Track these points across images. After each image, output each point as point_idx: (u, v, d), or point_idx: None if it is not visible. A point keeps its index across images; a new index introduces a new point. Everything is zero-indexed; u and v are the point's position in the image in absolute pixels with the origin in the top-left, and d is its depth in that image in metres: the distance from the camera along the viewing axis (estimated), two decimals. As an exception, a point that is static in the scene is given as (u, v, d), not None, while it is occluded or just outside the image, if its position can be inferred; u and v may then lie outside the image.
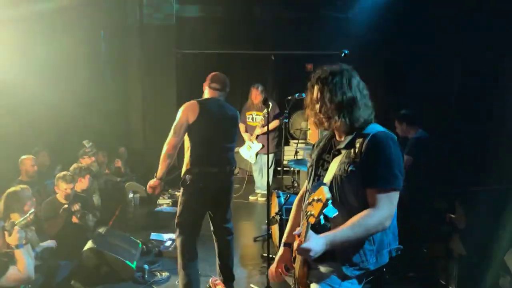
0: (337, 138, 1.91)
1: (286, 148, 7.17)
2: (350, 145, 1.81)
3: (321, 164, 1.93)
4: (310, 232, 1.67)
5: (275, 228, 4.45)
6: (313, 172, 1.95)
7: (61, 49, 5.50)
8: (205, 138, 3.26)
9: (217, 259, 3.52)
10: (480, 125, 3.75)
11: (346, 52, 3.69)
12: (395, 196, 1.73)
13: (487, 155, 3.68)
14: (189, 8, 7.81)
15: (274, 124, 6.38)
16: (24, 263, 2.82)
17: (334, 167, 1.83)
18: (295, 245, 1.68)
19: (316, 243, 1.66)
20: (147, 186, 3.38)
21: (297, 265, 1.92)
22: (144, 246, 4.40)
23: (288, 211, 4.16)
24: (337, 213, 1.60)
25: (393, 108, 4.38)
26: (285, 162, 6.47)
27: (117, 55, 7.39)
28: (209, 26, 7.55)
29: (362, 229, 1.69)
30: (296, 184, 6.28)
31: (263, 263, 4.18)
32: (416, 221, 3.66)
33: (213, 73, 3.54)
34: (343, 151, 1.83)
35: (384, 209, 1.70)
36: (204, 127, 3.24)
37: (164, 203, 6.24)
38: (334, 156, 1.87)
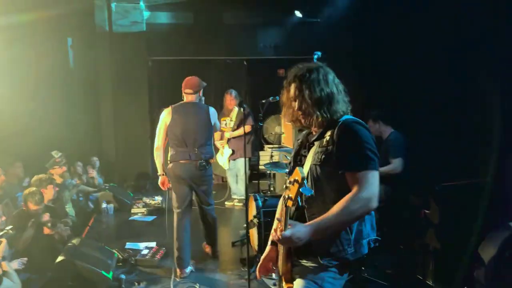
0: (313, 133, 1.95)
1: (261, 153, 7.20)
2: (322, 135, 1.85)
3: (299, 160, 1.97)
4: (293, 221, 1.68)
5: (253, 232, 4.43)
6: (292, 168, 1.99)
7: (28, 60, 5.38)
8: (177, 136, 3.97)
9: (202, 228, 4.39)
10: (450, 121, 3.85)
11: (318, 54, 3.73)
12: (373, 177, 1.72)
13: (457, 151, 3.79)
14: (159, 15, 7.76)
15: (246, 129, 6.33)
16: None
17: (309, 159, 1.87)
18: (276, 232, 1.68)
19: (299, 230, 1.66)
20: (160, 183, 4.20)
21: (280, 261, 1.91)
22: (120, 256, 4.30)
23: (267, 214, 4.24)
24: (313, 192, 1.65)
25: (367, 109, 4.46)
26: (261, 167, 6.46)
27: (86, 63, 7.27)
28: (180, 33, 7.54)
29: (346, 212, 1.68)
30: (272, 188, 6.30)
31: (242, 267, 4.15)
32: (393, 218, 3.72)
33: (186, 78, 4.15)
34: (316, 143, 1.87)
35: (364, 191, 1.69)
36: (175, 128, 3.97)
37: (138, 212, 6.14)
38: (309, 148, 1.91)
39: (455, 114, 3.82)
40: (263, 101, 4.79)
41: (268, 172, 5.14)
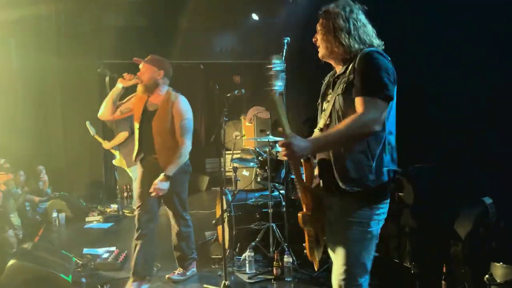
0: (338, 71, 1.98)
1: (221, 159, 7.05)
2: (346, 69, 1.90)
3: (325, 100, 2.00)
4: (291, 132, 1.73)
5: (221, 229, 4.28)
6: (320, 109, 2.03)
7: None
8: None
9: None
10: (418, 104, 3.91)
11: (288, 39, 3.67)
12: (381, 104, 1.76)
13: (426, 133, 3.86)
14: (110, 16, 7.46)
15: (122, 137, 5.79)
16: None
17: (334, 93, 1.91)
18: (279, 144, 1.78)
19: (298, 139, 1.70)
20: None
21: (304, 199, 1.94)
22: (78, 261, 3.95)
23: (237, 208, 4.10)
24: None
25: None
26: (227, 169, 6.32)
27: (32, 66, 6.79)
28: (133, 35, 7.25)
29: (345, 131, 1.71)
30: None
31: (213, 265, 3.96)
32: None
33: None
34: (341, 76, 1.91)
35: (368, 113, 1.72)
36: None
37: (94, 220, 5.76)
38: (334, 84, 1.95)
39: (424, 96, 3.90)
40: (228, 95, 4.67)
41: (234, 175, 4.98)
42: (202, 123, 8.58)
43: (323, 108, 1.99)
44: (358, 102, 1.77)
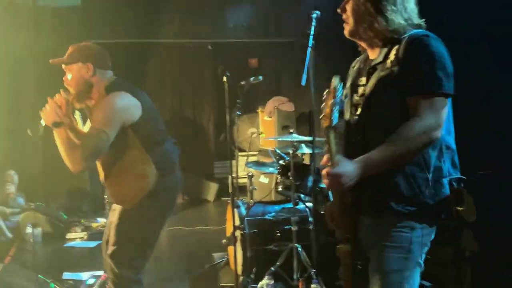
0: (371, 56, 1.98)
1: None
2: (386, 57, 1.87)
3: (355, 91, 1.99)
4: (340, 157, 1.76)
5: (232, 251, 4.32)
6: (349, 101, 2.02)
7: None
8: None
9: None
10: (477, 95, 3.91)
11: (317, 13, 3.68)
12: (440, 103, 1.76)
13: (491, 132, 3.84)
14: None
15: None
16: None
17: (370, 85, 1.90)
18: (323, 172, 1.79)
19: (346, 167, 1.74)
20: None
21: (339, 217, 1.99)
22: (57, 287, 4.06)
23: (253, 224, 4.14)
24: (344, 105, 1.81)
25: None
26: (240, 175, 6.37)
27: (2, 47, 6.96)
28: (123, 10, 7.36)
29: (401, 142, 1.73)
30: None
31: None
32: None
33: None
34: (379, 66, 1.89)
35: (427, 118, 1.72)
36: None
37: (76, 237, 5.90)
38: (370, 75, 1.93)
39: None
40: (243, 82, 4.75)
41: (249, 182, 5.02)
42: (210, 117, 8.65)
43: (353, 102, 1.99)
44: (412, 105, 1.76)
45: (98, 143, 2.67)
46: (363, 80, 1.96)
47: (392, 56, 1.83)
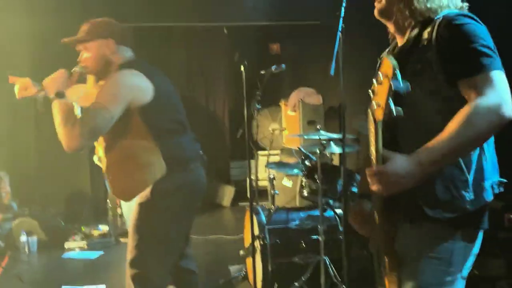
0: (400, 43, 2.00)
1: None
2: (417, 41, 1.88)
3: None
4: (390, 152, 1.71)
5: (251, 263, 4.31)
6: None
7: None
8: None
9: None
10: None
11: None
12: (497, 76, 1.72)
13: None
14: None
15: None
16: None
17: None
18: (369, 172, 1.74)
19: (400, 163, 1.68)
20: None
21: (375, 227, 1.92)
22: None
23: (274, 232, 4.12)
24: (409, 88, 1.60)
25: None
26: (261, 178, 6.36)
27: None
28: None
29: (465, 130, 1.66)
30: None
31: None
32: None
33: None
34: (408, 51, 1.90)
35: (488, 95, 1.68)
36: None
37: (76, 247, 5.94)
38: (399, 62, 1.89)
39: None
40: (263, 72, 4.71)
41: (270, 185, 4.99)
42: (225, 111, 8.68)
43: None
44: (466, 86, 1.74)
45: (99, 120, 2.68)
46: None
47: (424, 40, 1.84)
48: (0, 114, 7.02)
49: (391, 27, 2.03)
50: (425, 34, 1.85)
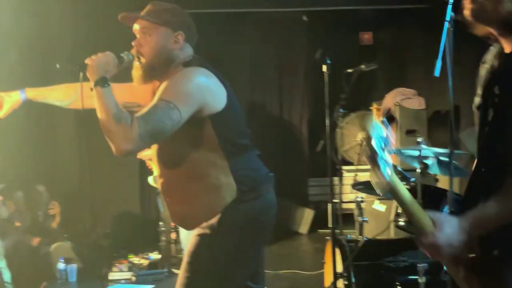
0: (507, 49, 1.94)
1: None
2: None
3: (491, 104, 1.95)
4: (436, 214, 1.81)
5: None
6: (480, 118, 2.02)
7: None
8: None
9: None
10: None
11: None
12: None
13: None
14: None
15: None
16: None
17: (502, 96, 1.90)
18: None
19: (448, 230, 1.77)
20: None
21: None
22: None
23: (363, 270, 4.06)
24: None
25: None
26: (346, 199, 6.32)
27: (34, 29, 7.30)
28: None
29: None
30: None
31: None
32: None
33: None
34: None
35: None
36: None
37: (121, 279, 6.07)
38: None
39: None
40: (350, 70, 4.70)
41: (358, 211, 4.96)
42: (303, 118, 8.73)
43: (488, 117, 1.96)
44: None
45: (164, 119, 2.59)
46: (497, 88, 1.94)
47: None
48: (37, 120, 7.30)
49: (491, 31, 1.97)
50: None
